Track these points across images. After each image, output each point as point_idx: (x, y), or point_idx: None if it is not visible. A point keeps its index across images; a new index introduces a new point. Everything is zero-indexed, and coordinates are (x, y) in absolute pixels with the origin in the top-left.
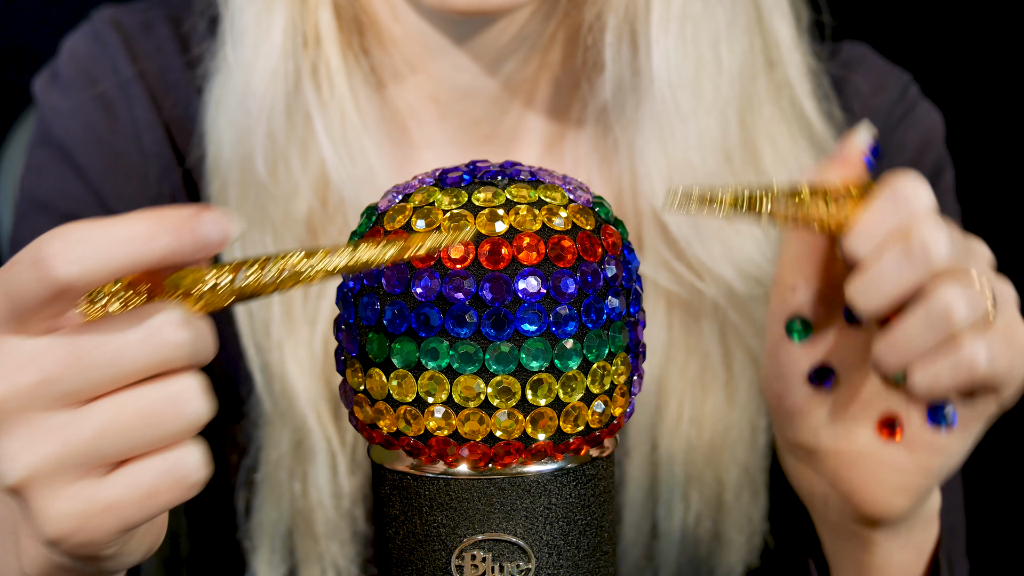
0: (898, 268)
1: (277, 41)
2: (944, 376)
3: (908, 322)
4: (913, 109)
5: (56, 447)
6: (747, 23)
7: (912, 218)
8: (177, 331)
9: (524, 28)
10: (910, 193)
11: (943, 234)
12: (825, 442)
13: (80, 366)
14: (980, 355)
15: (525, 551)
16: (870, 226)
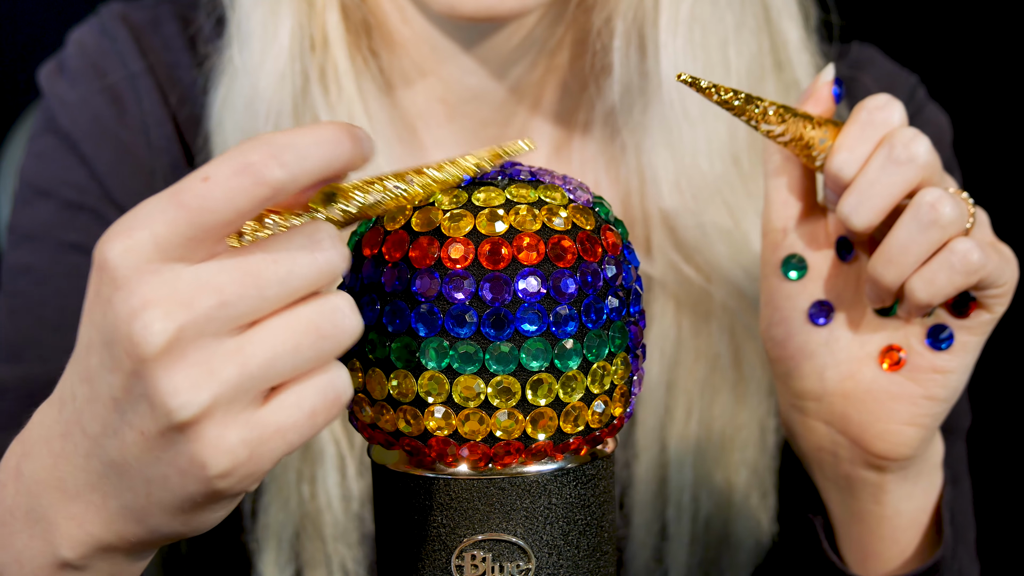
0: (885, 174)
1: (284, 44)
2: (941, 279)
3: (899, 231)
4: (920, 111)
5: (235, 372)
6: (755, 25)
7: (890, 128)
8: (337, 245)
9: (532, 33)
10: (884, 109)
11: (922, 138)
12: (831, 384)
13: (256, 284)
14: (972, 251)
15: (525, 551)
16: (851, 144)
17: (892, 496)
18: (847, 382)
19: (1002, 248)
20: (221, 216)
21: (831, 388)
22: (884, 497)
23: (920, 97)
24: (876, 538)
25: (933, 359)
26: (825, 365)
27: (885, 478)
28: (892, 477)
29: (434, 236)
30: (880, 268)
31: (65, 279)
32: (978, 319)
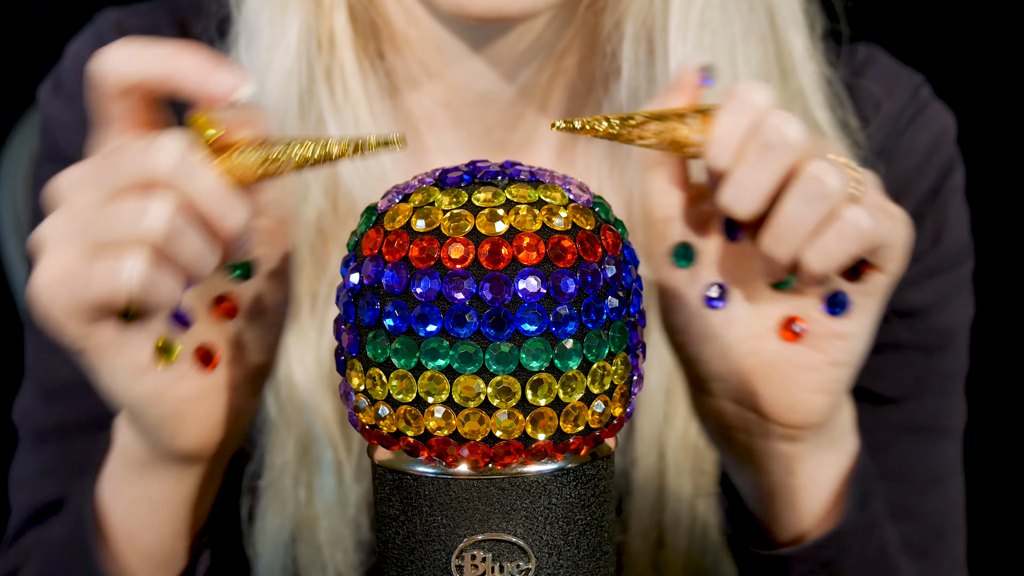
0: (761, 162)
1: (292, 44)
2: (833, 248)
3: (787, 207)
4: (924, 111)
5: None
6: (762, 32)
7: (759, 115)
8: (165, 154)
9: (541, 35)
10: (751, 95)
11: (793, 119)
12: (735, 362)
13: (105, 163)
14: (862, 218)
15: (525, 551)
16: (723, 135)
17: (806, 466)
18: (750, 358)
19: (891, 208)
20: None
21: (735, 366)
22: (798, 468)
23: (924, 96)
24: (793, 512)
25: (833, 325)
26: (727, 345)
27: (798, 448)
28: (805, 447)
29: (434, 236)
30: (771, 245)
31: None
32: (873, 281)
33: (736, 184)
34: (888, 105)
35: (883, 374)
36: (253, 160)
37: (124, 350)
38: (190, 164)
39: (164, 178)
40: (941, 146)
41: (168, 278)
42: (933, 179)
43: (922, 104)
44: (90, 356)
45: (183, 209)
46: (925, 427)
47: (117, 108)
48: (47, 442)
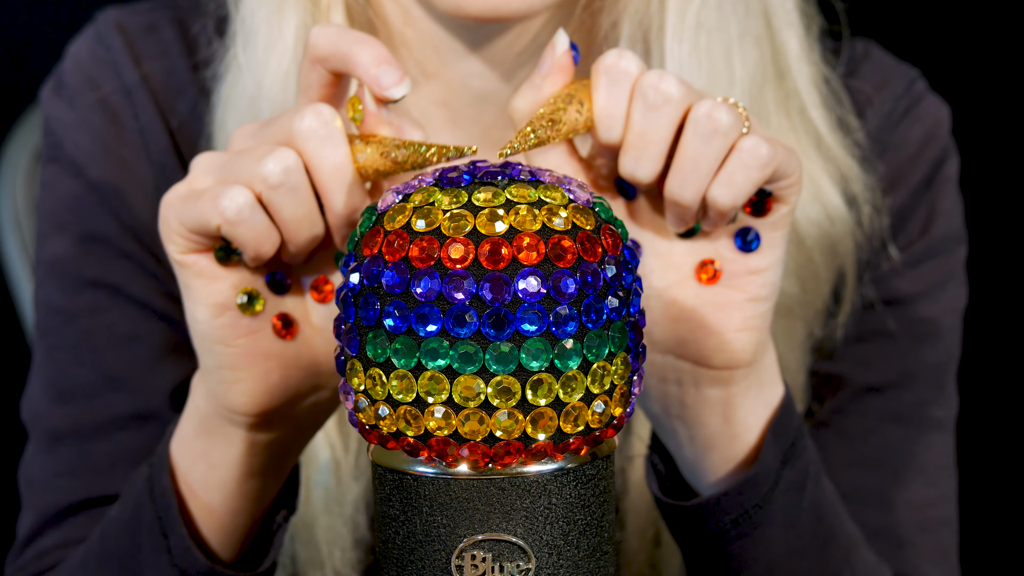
0: (649, 123)
1: (289, 43)
2: (739, 178)
3: (686, 150)
4: (917, 104)
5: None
6: (758, 33)
7: (633, 78)
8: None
9: (539, 35)
10: (619, 65)
11: (667, 75)
12: (657, 313)
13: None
14: (760, 145)
15: (525, 551)
16: (607, 108)
17: (740, 411)
18: (671, 307)
19: (778, 139)
20: None
21: (658, 317)
22: (732, 413)
23: (919, 89)
24: (728, 462)
25: (746, 261)
26: (646, 298)
27: (731, 392)
28: (737, 390)
29: (434, 236)
30: (677, 189)
31: (89, 317)
32: (778, 213)
33: (633, 150)
34: (882, 99)
35: (869, 363)
36: (384, 151)
37: (214, 282)
38: (327, 133)
39: (300, 136)
40: (935, 138)
41: (264, 223)
42: (926, 170)
43: (916, 98)
44: (185, 276)
45: (302, 169)
46: (910, 416)
47: (308, 76)
48: (62, 444)
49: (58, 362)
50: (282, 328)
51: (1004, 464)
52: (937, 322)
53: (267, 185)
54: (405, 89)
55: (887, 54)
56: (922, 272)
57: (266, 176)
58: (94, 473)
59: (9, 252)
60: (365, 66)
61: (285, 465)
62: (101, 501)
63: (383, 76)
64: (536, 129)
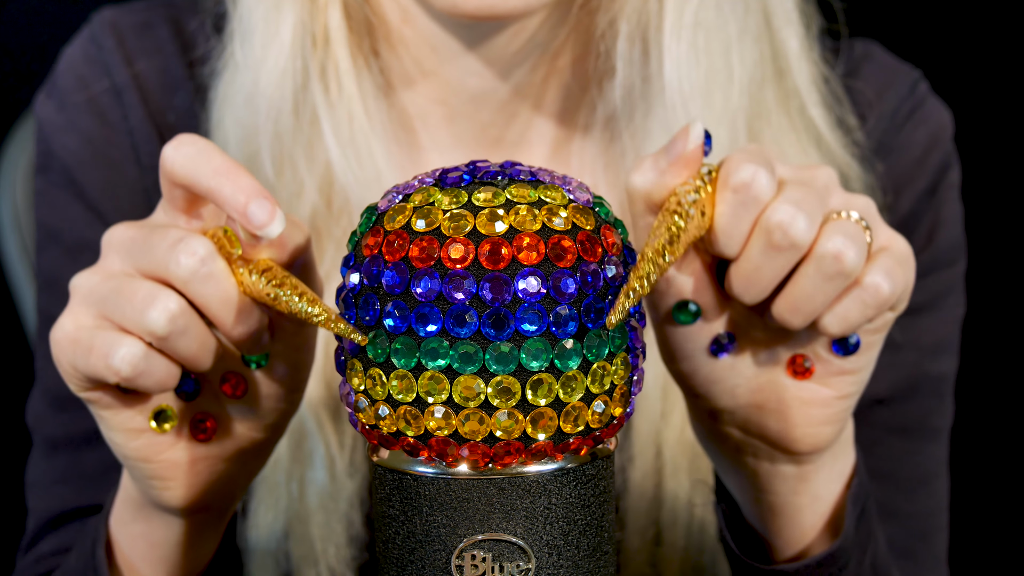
0: (768, 260)
1: (286, 40)
2: (854, 314)
3: (803, 283)
4: (921, 106)
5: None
6: (757, 32)
7: (762, 208)
8: (187, 255)
9: (535, 34)
10: (752, 189)
11: (796, 212)
12: (743, 399)
13: (139, 242)
14: (882, 284)
15: (525, 551)
16: (728, 228)
17: (811, 485)
18: (758, 395)
19: (897, 249)
20: None
21: (743, 402)
22: (803, 487)
23: (921, 91)
24: (795, 528)
25: (841, 363)
26: (735, 385)
27: (804, 469)
28: (811, 467)
29: (434, 236)
30: (786, 315)
31: None
32: (882, 319)
33: (745, 278)
34: (885, 100)
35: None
36: (262, 288)
37: (121, 412)
38: (207, 271)
39: (179, 279)
40: (938, 143)
41: (162, 367)
42: (930, 177)
43: (919, 100)
44: (93, 408)
45: (188, 312)
46: (914, 428)
47: (172, 192)
48: (58, 451)
49: (54, 369)
50: (198, 432)
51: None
52: (941, 333)
53: (155, 337)
54: (280, 225)
55: (889, 55)
56: (927, 284)
57: (152, 328)
58: (86, 481)
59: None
60: (230, 203)
61: (223, 524)
62: (93, 510)
63: (254, 214)
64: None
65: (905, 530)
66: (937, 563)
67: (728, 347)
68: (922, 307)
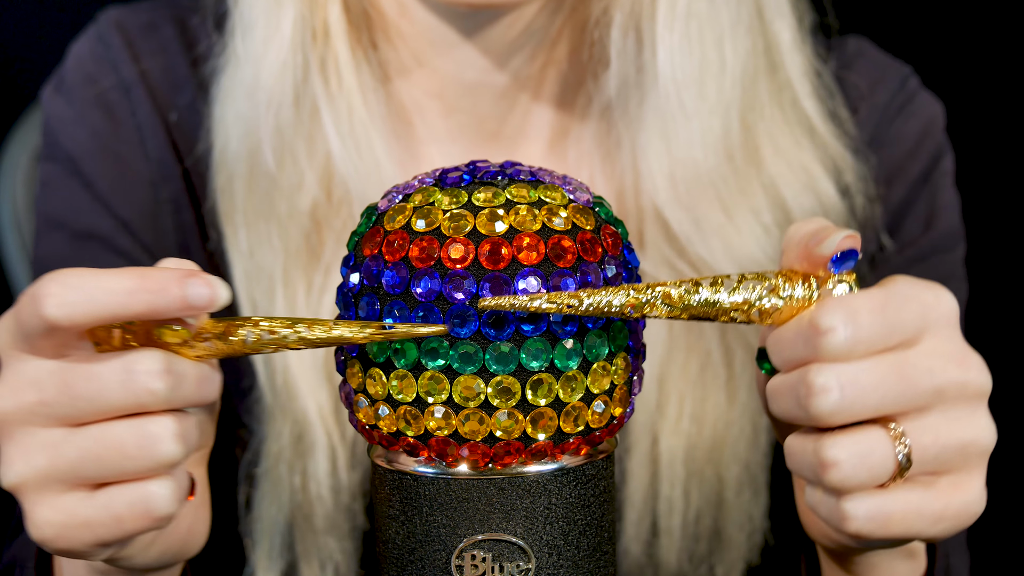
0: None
1: (287, 34)
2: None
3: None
4: (912, 100)
5: (45, 461)
6: (749, 23)
7: (813, 358)
8: (153, 379)
9: (532, 23)
10: (823, 331)
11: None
12: None
13: (69, 395)
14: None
15: (525, 551)
16: (781, 343)
17: (885, 570)
18: None
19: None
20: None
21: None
22: (876, 572)
23: (912, 86)
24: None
25: None
26: None
27: (880, 554)
28: (887, 554)
29: (434, 236)
30: None
31: None
32: None
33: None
34: (876, 95)
35: None
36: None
37: None
38: (177, 380)
39: (160, 403)
40: (930, 134)
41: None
42: (923, 165)
43: (910, 94)
44: None
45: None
46: None
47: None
48: None
49: None
50: None
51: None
52: None
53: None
54: (225, 293)
55: (880, 51)
56: (926, 268)
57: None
58: None
59: (9, 252)
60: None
61: None
62: None
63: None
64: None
65: None
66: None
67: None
68: None
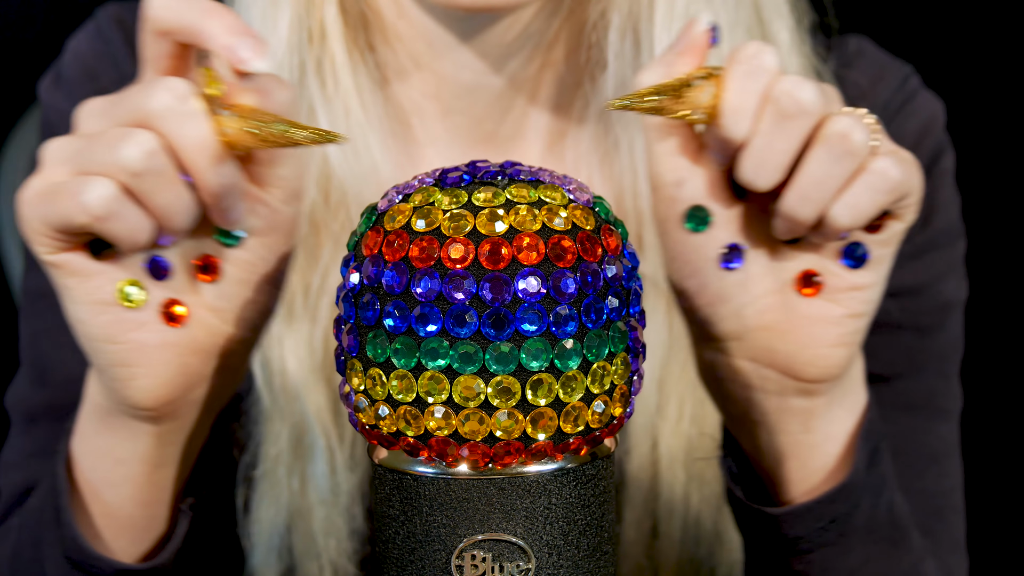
0: (779, 132)
1: (283, 36)
2: (864, 202)
3: (812, 167)
4: (912, 99)
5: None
6: (748, 24)
7: (771, 80)
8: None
9: (529, 26)
10: (758, 58)
11: (804, 82)
12: (751, 320)
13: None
14: (890, 168)
15: (525, 551)
16: (737, 104)
17: (822, 421)
18: (767, 315)
19: (903, 154)
20: None
21: (752, 324)
22: (814, 423)
23: (913, 85)
24: (807, 469)
25: (851, 277)
26: (742, 304)
27: (815, 402)
28: (822, 401)
29: (434, 236)
30: (796, 205)
31: None
32: (891, 231)
33: (756, 156)
34: (876, 95)
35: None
36: (243, 124)
37: (89, 280)
38: (185, 109)
39: (156, 116)
40: (930, 132)
41: (135, 214)
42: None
43: (911, 93)
44: (59, 277)
45: (164, 151)
46: (920, 406)
47: (153, 48)
48: (37, 424)
49: (39, 346)
50: (168, 317)
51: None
52: (942, 313)
53: (129, 173)
54: (266, 60)
55: (881, 51)
56: (924, 264)
57: (126, 164)
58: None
59: (9, 252)
60: (218, 39)
61: (194, 449)
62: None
63: (240, 48)
64: (660, 92)
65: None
66: (955, 545)
67: (738, 259)
68: (921, 287)
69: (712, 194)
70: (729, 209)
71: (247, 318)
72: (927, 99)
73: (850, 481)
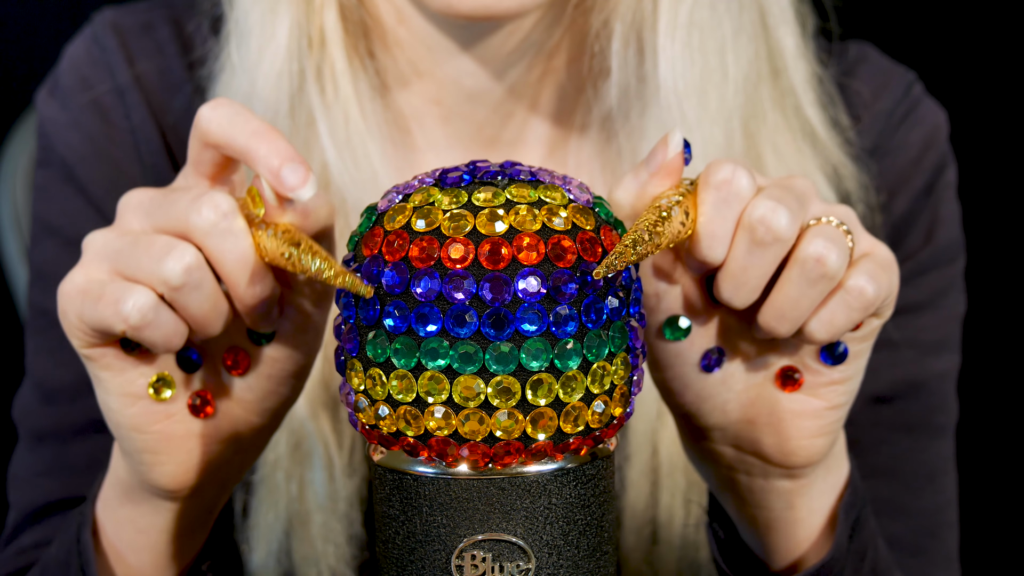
0: (754, 258)
1: (282, 43)
2: (839, 318)
3: (788, 289)
4: (916, 108)
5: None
6: (752, 31)
7: (744, 202)
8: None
9: (530, 34)
10: (732, 182)
11: (777, 206)
12: (734, 414)
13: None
14: (866, 287)
15: (525, 551)
16: (711, 229)
17: (805, 499)
18: (749, 409)
19: (879, 255)
20: None
21: (735, 418)
22: (797, 501)
23: (916, 93)
24: (792, 542)
25: (830, 373)
26: (726, 400)
27: (798, 484)
28: (805, 481)
29: (434, 236)
30: (772, 322)
31: None
32: (869, 327)
33: (733, 279)
34: (880, 102)
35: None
36: (277, 247)
37: (122, 374)
38: (227, 226)
39: (200, 232)
40: (934, 143)
41: (171, 322)
42: (926, 177)
43: (915, 101)
44: (92, 368)
45: (204, 266)
46: (918, 425)
47: (200, 154)
48: (44, 443)
49: (44, 363)
50: (195, 409)
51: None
52: (941, 331)
53: (169, 287)
54: (312, 190)
55: (884, 56)
56: (927, 281)
57: (167, 278)
58: (71, 473)
59: (9, 252)
60: (265, 162)
61: (212, 516)
62: (77, 502)
63: (287, 176)
64: (637, 243)
65: (913, 527)
66: (948, 561)
67: (718, 362)
68: (922, 305)
69: (690, 304)
70: (707, 315)
71: (270, 408)
72: (931, 108)
73: (832, 557)
